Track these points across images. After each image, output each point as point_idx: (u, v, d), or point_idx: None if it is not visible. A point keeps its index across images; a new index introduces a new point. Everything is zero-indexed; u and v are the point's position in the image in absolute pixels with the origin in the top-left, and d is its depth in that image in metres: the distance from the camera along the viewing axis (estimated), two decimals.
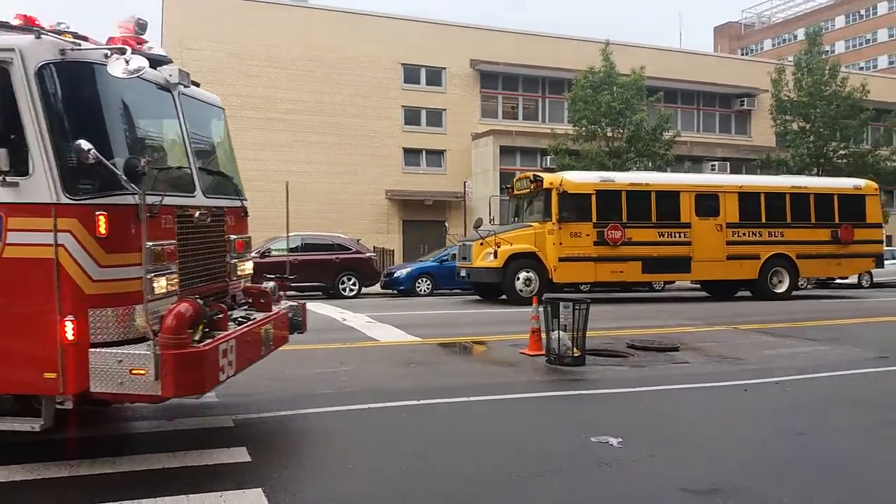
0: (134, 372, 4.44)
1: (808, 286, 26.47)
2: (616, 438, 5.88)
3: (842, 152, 31.99)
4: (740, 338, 12.07)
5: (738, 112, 39.29)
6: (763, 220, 19.72)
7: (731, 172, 31.12)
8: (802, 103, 31.77)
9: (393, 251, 29.52)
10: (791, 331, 12.91)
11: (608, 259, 18.19)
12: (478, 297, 20.09)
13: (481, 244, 18.40)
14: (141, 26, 5.28)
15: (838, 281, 27.17)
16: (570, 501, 4.58)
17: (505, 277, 17.92)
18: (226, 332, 5.13)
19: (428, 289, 22.26)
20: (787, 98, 32.48)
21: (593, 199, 18.16)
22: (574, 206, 18.04)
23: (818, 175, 31.81)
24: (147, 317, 4.56)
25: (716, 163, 34.20)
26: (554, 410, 7.13)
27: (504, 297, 18.42)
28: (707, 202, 19.21)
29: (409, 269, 22.95)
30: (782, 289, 19.83)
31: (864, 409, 7.22)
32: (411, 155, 33.46)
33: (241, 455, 5.30)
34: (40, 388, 4.57)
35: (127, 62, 4.55)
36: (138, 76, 4.62)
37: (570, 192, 18.06)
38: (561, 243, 17.86)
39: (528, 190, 19.24)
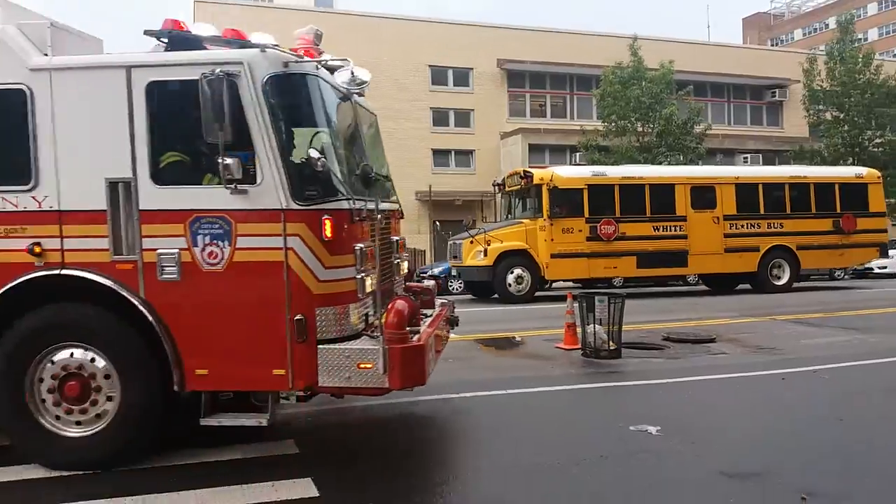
0: (362, 366, 4.68)
1: (846, 276, 26.11)
2: (655, 427, 6.00)
3: (877, 141, 31.38)
4: (776, 328, 12.02)
5: (770, 103, 38.77)
6: (762, 211, 19.25)
7: (764, 164, 30.77)
8: (836, 93, 31.22)
9: (424, 251, 29.72)
10: (827, 320, 12.81)
11: (601, 255, 17.83)
12: (471, 297, 19.77)
13: (471, 242, 18.08)
14: (318, 37, 5.60)
15: (877, 270, 26.78)
16: (613, 487, 4.72)
17: (495, 275, 17.65)
18: (427, 328, 5.41)
19: (460, 287, 22.42)
20: (819, 88, 31.98)
21: (585, 193, 17.78)
22: (565, 201, 17.66)
23: (854, 165, 31.32)
24: (377, 312, 4.97)
25: (748, 155, 33.82)
26: (592, 401, 7.25)
27: (497, 295, 18.12)
28: (703, 194, 18.78)
29: (440, 269, 23.14)
30: (783, 281, 19.33)
31: None
32: (440, 156, 33.65)
33: (290, 447, 5.54)
34: (269, 383, 4.84)
35: (353, 73, 4.96)
36: (346, 86, 5.04)
37: (560, 187, 17.66)
38: (553, 239, 17.52)
39: (519, 186, 18.88)
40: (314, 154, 4.68)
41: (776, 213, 19.39)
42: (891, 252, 28.10)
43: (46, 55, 4.95)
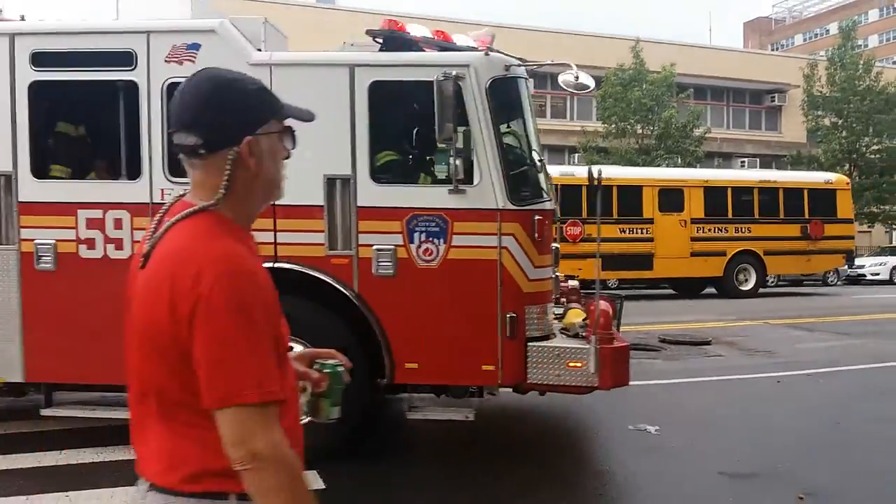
0: (571, 365, 4.77)
1: (839, 282, 26.30)
2: (653, 426, 6.13)
3: (875, 147, 31.60)
4: (772, 332, 12.17)
5: (769, 108, 38.96)
6: (730, 215, 18.96)
7: (761, 168, 30.92)
8: (835, 98, 31.41)
9: None
10: (821, 325, 12.96)
11: (567, 256, 17.19)
12: None
13: None
14: (493, 39, 5.71)
15: (869, 277, 26.98)
16: (615, 484, 4.83)
17: None
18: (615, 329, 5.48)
19: None
20: (819, 93, 32.17)
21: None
22: None
23: (850, 171, 31.51)
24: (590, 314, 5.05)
25: (745, 159, 33.98)
26: (589, 402, 7.34)
27: None
28: (671, 197, 18.47)
29: None
30: (748, 286, 19.25)
31: None
32: None
33: None
34: (478, 378, 4.95)
35: (576, 77, 5.15)
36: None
37: None
38: None
39: None
40: (535, 156, 4.93)
41: (744, 217, 19.16)
42: (883, 259, 28.41)
43: (260, 50, 5.00)
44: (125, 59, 4.95)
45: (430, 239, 4.83)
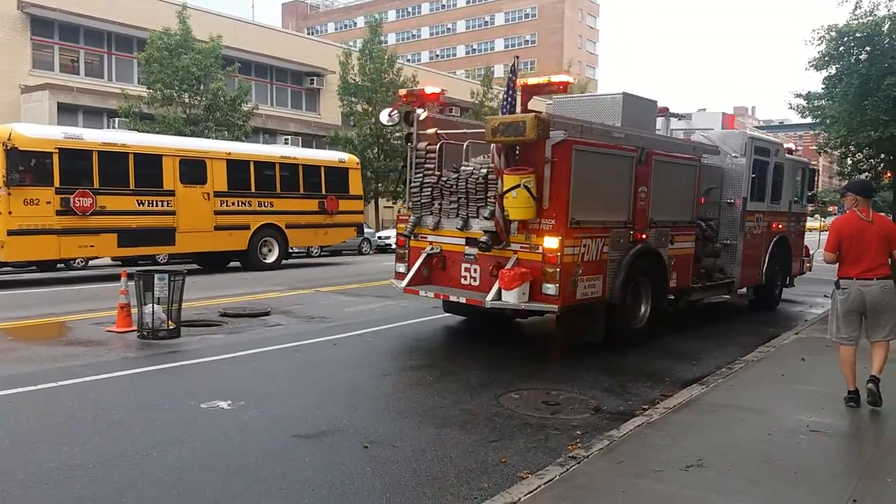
0: None
1: (371, 251, 29.58)
2: (225, 402, 6.13)
3: (397, 134, 36.15)
4: (323, 299, 13.16)
5: (309, 90, 41.40)
6: (253, 189, 19.18)
7: (304, 146, 32.82)
8: (366, 87, 35.03)
9: None
10: (364, 290, 14.52)
11: (76, 231, 15.48)
12: None
13: None
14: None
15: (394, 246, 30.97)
16: (196, 465, 4.69)
17: None
18: None
19: None
20: (352, 81, 35.46)
21: (56, 158, 15.08)
22: (29, 166, 14.81)
23: (378, 153, 35.60)
24: None
25: (289, 137, 35.65)
26: (158, 384, 6.98)
27: None
28: (193, 169, 17.82)
29: None
30: (272, 259, 19.73)
31: (430, 348, 8.73)
32: None
33: None
34: None
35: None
36: None
37: (23, 148, 14.67)
38: (11, 213, 14.48)
39: None
40: None
41: (267, 191, 19.59)
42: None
43: None
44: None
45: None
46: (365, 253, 29.36)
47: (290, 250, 21.85)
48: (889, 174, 21.44)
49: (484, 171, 8.37)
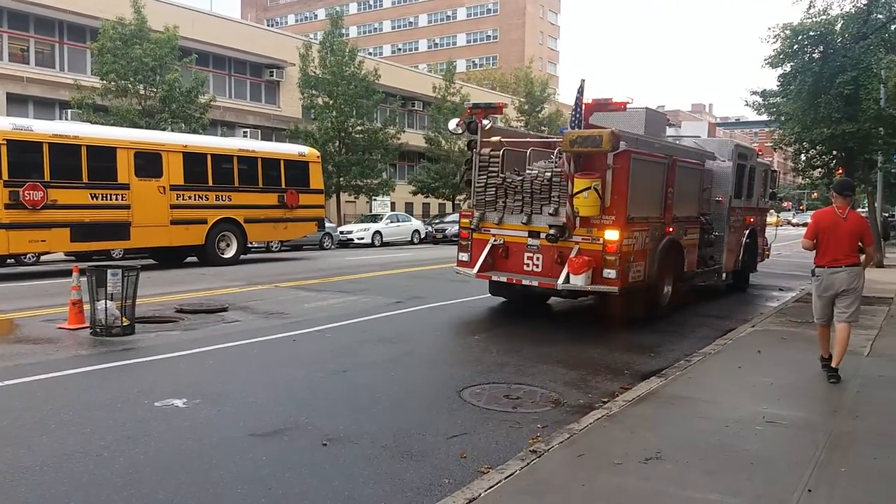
0: None
1: (332, 246, 29.31)
2: (180, 400, 5.98)
3: (359, 128, 35.97)
4: (282, 294, 12.97)
5: (268, 82, 40.85)
6: (210, 182, 18.77)
7: (263, 140, 32.38)
8: (327, 81, 34.67)
9: None
10: (324, 286, 14.36)
11: (26, 226, 15.03)
12: None
13: None
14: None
15: (356, 241, 30.76)
16: (148, 465, 4.55)
17: None
18: None
19: None
20: (313, 74, 35.06)
21: (4, 151, 14.66)
22: None
23: (340, 147, 35.30)
24: None
25: (248, 130, 35.12)
26: (111, 382, 6.78)
27: None
28: (148, 162, 17.41)
29: None
30: (230, 254, 19.39)
31: (390, 344, 8.65)
32: None
33: None
34: None
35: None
36: None
37: None
38: None
39: None
40: None
41: (225, 185, 19.18)
42: (366, 225, 32.73)
43: None
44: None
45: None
46: (326, 248, 29.09)
47: (249, 245, 21.50)
48: (841, 171, 21.97)
49: (548, 174, 9.90)
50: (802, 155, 23.49)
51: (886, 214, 40.83)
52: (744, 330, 9.75)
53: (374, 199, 40.47)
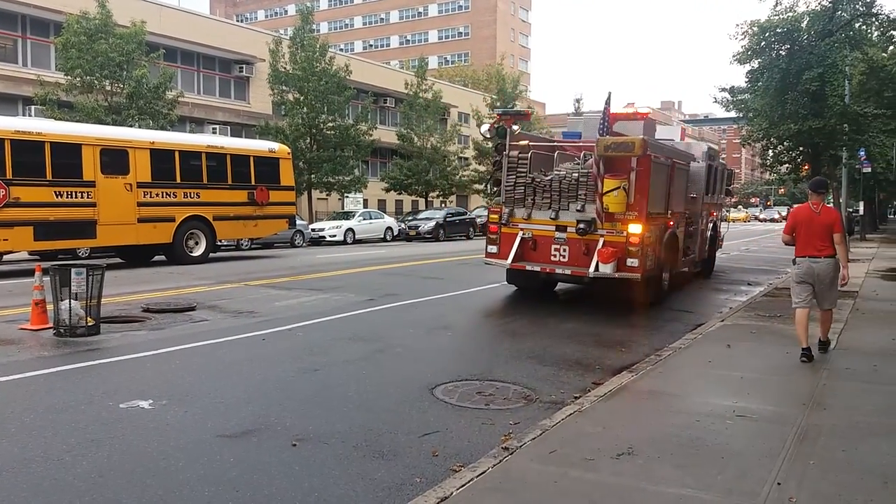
0: None
1: (304, 244, 29.06)
2: (147, 401, 5.86)
3: (330, 124, 35.68)
4: (252, 293, 12.80)
5: (238, 78, 40.35)
6: (178, 179, 18.52)
7: (233, 136, 32.00)
8: (297, 76, 34.33)
9: None
10: (295, 283, 14.22)
11: None
12: None
13: None
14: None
15: (328, 238, 30.55)
16: (113, 469, 4.44)
17: None
18: None
19: None
20: (283, 70, 34.70)
21: None
22: None
23: (311, 144, 35.00)
24: None
25: (217, 126, 34.66)
26: (74, 384, 6.61)
27: None
28: (115, 158, 17.12)
29: None
30: (199, 252, 19.15)
31: (362, 342, 8.56)
32: None
33: None
34: None
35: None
36: None
37: None
38: None
39: None
40: None
41: (193, 182, 18.93)
42: (339, 223, 32.55)
43: None
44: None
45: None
46: (297, 245, 28.87)
47: (219, 243, 21.25)
48: (807, 166, 22.34)
49: (576, 174, 11.11)
50: (770, 151, 23.85)
51: (850, 210, 41.60)
52: (713, 324, 9.84)
53: (347, 197, 40.22)
